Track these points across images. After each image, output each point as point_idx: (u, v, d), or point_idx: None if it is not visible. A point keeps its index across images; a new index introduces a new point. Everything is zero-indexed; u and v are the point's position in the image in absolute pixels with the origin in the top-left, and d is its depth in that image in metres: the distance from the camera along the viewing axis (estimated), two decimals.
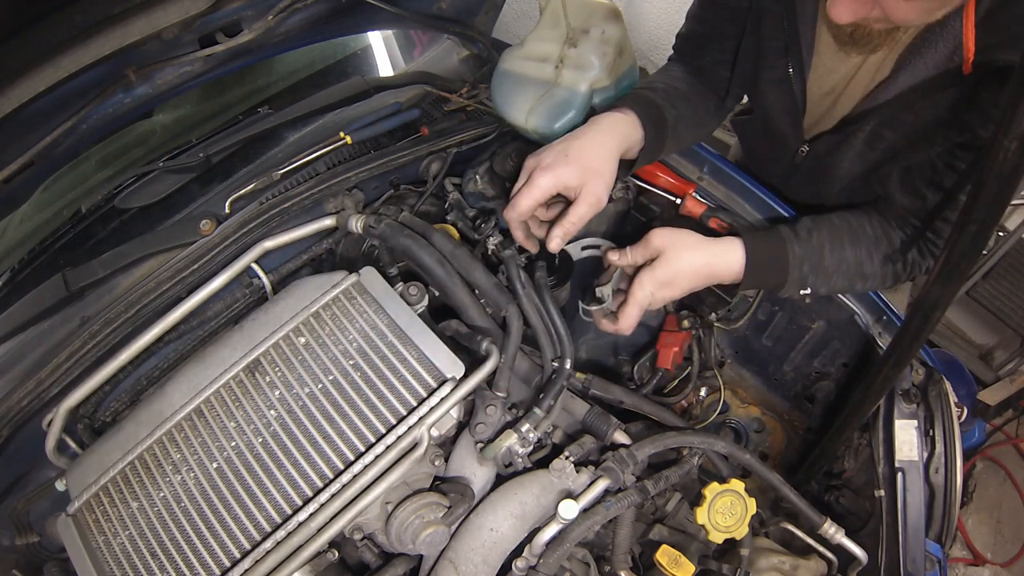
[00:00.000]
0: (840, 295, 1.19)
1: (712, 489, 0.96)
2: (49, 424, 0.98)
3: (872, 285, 1.09)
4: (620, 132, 1.01)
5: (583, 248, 1.27)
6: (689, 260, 0.98)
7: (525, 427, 0.91)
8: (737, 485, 0.96)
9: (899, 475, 1.04)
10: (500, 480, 0.94)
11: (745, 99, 1.34)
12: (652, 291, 0.97)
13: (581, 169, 0.94)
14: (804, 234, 1.04)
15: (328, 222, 1.14)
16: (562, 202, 1.04)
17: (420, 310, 0.99)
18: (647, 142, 1.05)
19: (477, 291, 1.01)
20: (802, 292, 1.05)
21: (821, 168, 1.21)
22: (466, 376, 0.90)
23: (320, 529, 0.81)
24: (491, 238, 1.10)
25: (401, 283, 1.00)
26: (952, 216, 0.97)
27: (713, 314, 1.27)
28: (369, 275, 1.00)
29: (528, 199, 0.94)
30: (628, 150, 1.04)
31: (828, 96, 1.12)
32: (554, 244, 0.96)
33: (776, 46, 1.07)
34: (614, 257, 1.03)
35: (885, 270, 1.06)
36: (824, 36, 1.03)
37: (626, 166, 1.07)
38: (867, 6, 0.80)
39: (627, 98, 1.08)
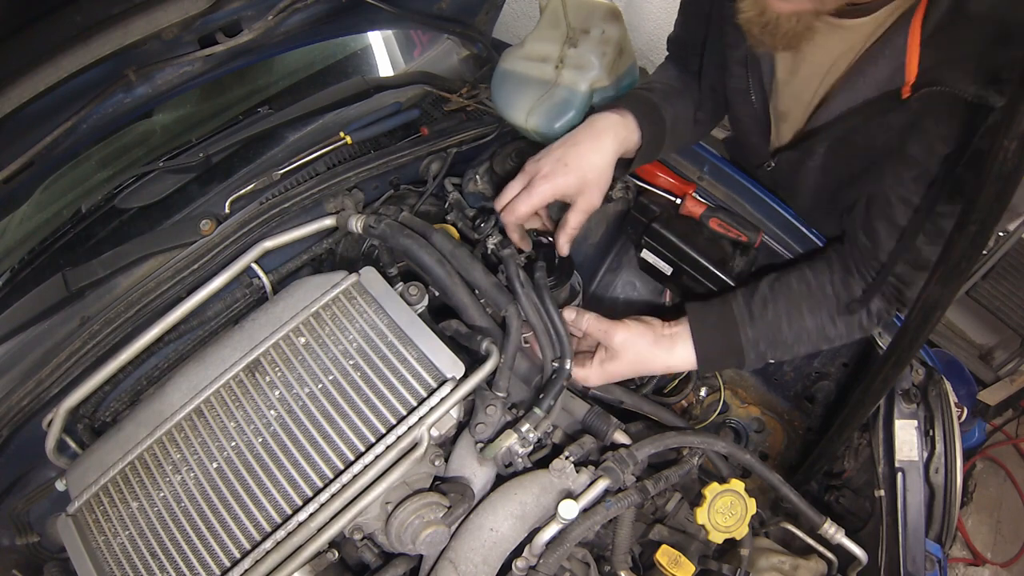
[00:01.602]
0: None
1: (712, 489, 0.96)
2: (49, 424, 0.98)
3: (839, 343, 1.08)
4: (617, 135, 1.02)
5: None
6: (642, 365, 1.03)
7: (525, 427, 0.91)
8: (737, 485, 0.96)
9: (899, 475, 1.04)
10: (500, 480, 0.94)
11: None
12: (596, 380, 1.04)
13: (579, 178, 0.97)
14: (759, 310, 1.03)
15: (328, 222, 1.14)
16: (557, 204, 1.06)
17: (420, 310, 0.99)
18: (644, 143, 1.05)
19: (477, 291, 1.01)
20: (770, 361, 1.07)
21: (788, 183, 1.19)
22: (466, 376, 0.90)
23: (320, 529, 0.81)
24: (491, 238, 1.10)
25: (401, 283, 1.00)
26: (915, 259, 0.93)
27: None
28: (369, 275, 1.00)
29: (526, 206, 0.98)
30: (626, 151, 1.05)
31: (787, 111, 1.08)
32: (565, 250, 1.04)
33: (738, 56, 1.05)
34: (570, 316, 1.05)
35: (851, 328, 1.04)
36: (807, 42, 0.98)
37: (624, 165, 1.07)
38: None
39: (625, 98, 1.08)
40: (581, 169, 0.97)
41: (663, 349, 1.03)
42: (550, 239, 1.10)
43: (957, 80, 0.76)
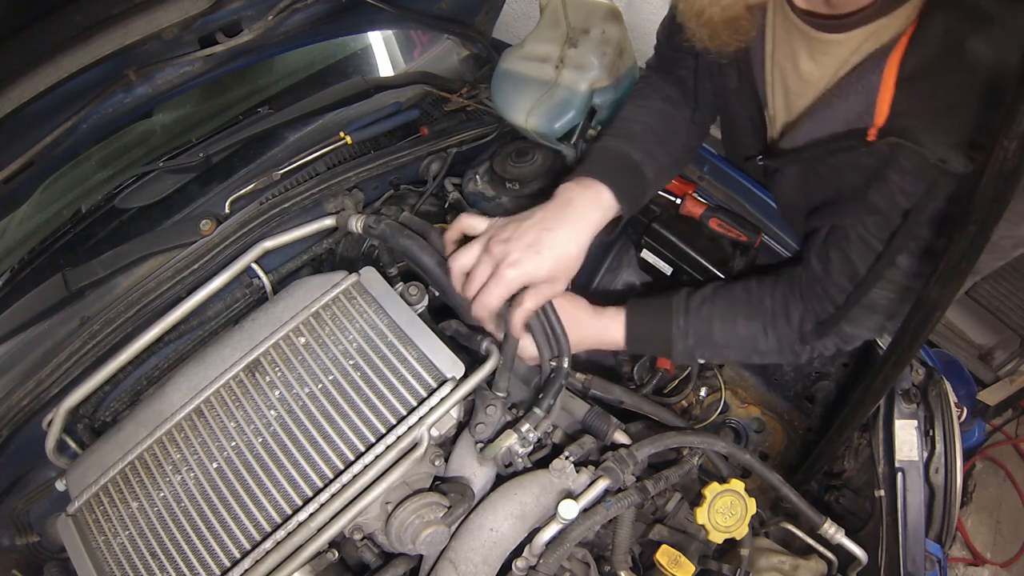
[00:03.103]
0: None
1: (712, 489, 0.96)
2: (49, 424, 0.98)
3: (770, 359, 1.07)
4: (596, 219, 0.95)
5: None
6: (577, 338, 1.03)
7: (525, 427, 0.91)
8: (737, 485, 0.96)
9: (899, 475, 1.04)
10: (500, 480, 0.94)
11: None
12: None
13: (550, 267, 0.91)
14: (696, 306, 1.05)
15: (328, 222, 1.14)
16: None
17: (420, 310, 0.99)
18: (625, 212, 0.99)
19: None
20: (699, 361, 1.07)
21: (770, 186, 1.16)
22: (466, 376, 0.90)
23: (320, 529, 0.81)
24: None
25: (401, 283, 1.00)
26: (856, 295, 0.91)
27: None
28: (369, 275, 1.00)
29: (497, 298, 0.90)
30: (606, 223, 0.99)
31: (775, 117, 1.02)
32: (517, 331, 0.95)
33: (728, 54, 0.95)
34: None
35: (782, 346, 1.03)
36: (779, 48, 0.90)
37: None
38: None
39: (603, 164, 1.01)
40: (554, 256, 0.90)
41: (595, 317, 1.07)
42: None
43: (926, 135, 0.70)
